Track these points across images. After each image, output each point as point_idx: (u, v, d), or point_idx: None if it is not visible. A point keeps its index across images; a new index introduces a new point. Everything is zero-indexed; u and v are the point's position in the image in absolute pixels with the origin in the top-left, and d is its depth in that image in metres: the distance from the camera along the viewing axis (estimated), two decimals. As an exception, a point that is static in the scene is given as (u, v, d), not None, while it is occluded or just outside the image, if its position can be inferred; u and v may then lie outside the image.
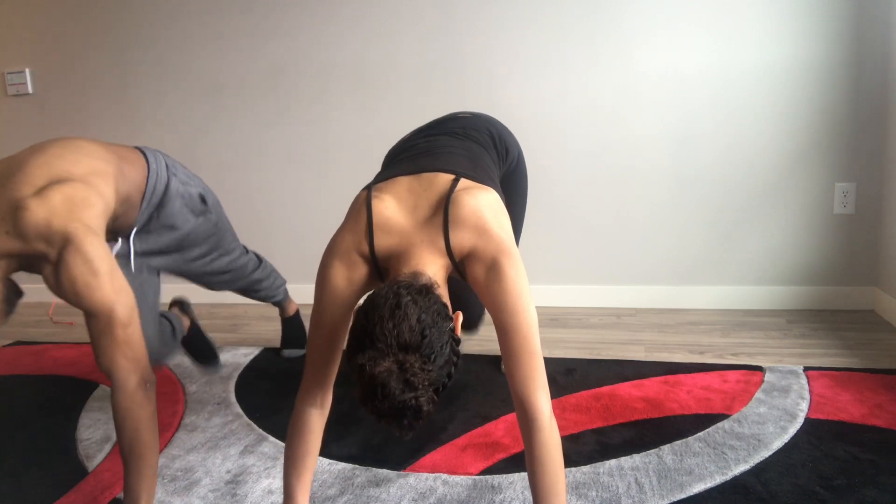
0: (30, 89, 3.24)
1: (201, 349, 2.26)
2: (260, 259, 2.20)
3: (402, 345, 1.03)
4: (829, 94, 2.51)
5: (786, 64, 2.52)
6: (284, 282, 2.33)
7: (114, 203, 1.51)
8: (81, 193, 1.38)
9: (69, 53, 3.18)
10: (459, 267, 1.28)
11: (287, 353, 2.42)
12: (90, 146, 1.54)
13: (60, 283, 1.31)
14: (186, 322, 2.19)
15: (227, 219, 2.00)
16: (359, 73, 2.89)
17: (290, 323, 2.42)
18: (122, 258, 1.74)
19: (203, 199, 1.84)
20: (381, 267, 1.29)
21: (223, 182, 3.09)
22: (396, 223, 1.27)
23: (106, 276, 1.32)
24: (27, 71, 3.23)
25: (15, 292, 1.41)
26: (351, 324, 1.11)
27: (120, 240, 1.73)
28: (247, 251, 2.13)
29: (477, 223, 1.25)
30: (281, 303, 2.37)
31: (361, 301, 1.24)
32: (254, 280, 2.16)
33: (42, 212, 1.30)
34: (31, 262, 1.35)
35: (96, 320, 1.32)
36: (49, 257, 1.31)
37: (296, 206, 3.07)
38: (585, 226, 2.79)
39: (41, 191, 1.33)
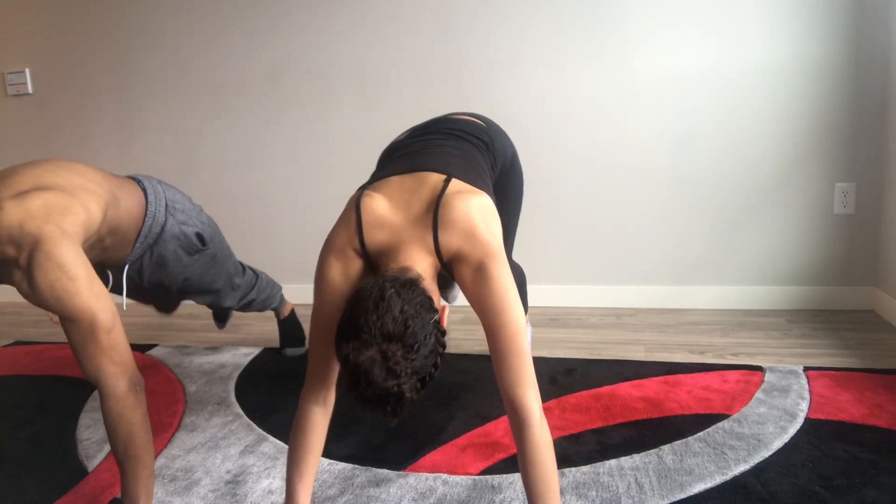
0: (30, 89, 3.24)
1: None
2: (256, 276, 2.19)
3: (386, 335, 1.06)
4: (829, 94, 2.51)
5: (786, 64, 2.52)
6: (280, 289, 2.33)
7: (99, 222, 1.45)
8: (63, 202, 1.33)
9: (69, 53, 3.18)
10: (447, 267, 1.29)
11: (289, 352, 2.42)
12: (86, 169, 1.50)
13: (36, 289, 1.24)
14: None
15: (227, 245, 1.99)
16: (359, 73, 2.89)
17: (287, 322, 2.42)
18: (117, 289, 1.73)
19: (200, 238, 1.81)
20: (374, 262, 1.30)
21: (223, 182, 3.09)
22: (388, 219, 1.29)
23: (84, 281, 1.27)
24: (27, 71, 3.23)
25: None
26: (340, 316, 1.13)
27: (110, 274, 1.71)
28: (244, 270, 2.12)
29: (466, 227, 1.26)
30: (277, 309, 2.38)
31: None
32: (248, 301, 2.18)
33: (16, 213, 1.25)
34: (1, 269, 1.29)
35: (77, 327, 1.27)
36: (18, 262, 1.24)
37: (295, 205, 3.07)
38: (585, 226, 2.79)
39: (21, 194, 1.29)
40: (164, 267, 1.76)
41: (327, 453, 1.71)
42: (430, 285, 1.23)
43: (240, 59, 3.00)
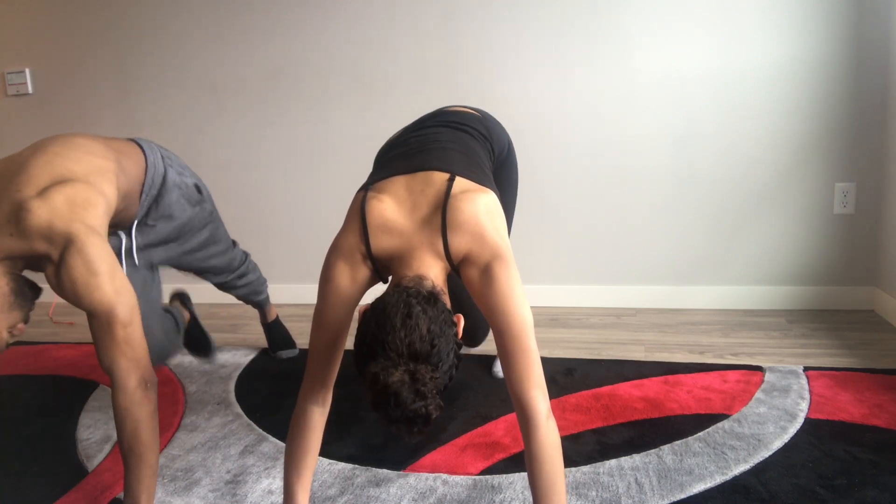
0: (30, 89, 3.24)
1: (198, 341, 2.27)
2: (245, 254, 2.22)
3: (413, 354, 1.06)
4: (829, 94, 2.51)
5: (786, 64, 2.52)
6: (265, 280, 2.34)
7: (115, 200, 1.51)
8: (83, 194, 1.38)
9: (69, 53, 3.18)
10: (457, 270, 1.28)
11: (284, 353, 2.42)
12: (90, 143, 1.54)
13: (62, 284, 1.32)
14: (187, 315, 2.20)
15: (218, 211, 2.03)
16: (358, 73, 2.89)
17: (275, 326, 2.43)
18: (126, 254, 1.75)
19: (198, 189, 1.87)
20: (381, 267, 1.29)
21: (223, 182, 3.09)
22: (396, 224, 1.28)
23: (106, 276, 1.32)
24: (27, 71, 3.23)
25: (29, 286, 1.42)
26: (360, 329, 1.13)
27: (122, 235, 1.74)
28: (235, 245, 2.15)
29: (474, 229, 1.26)
30: (263, 305, 2.37)
31: (363, 301, 1.24)
32: (240, 273, 2.17)
33: (44, 213, 1.31)
34: (34, 262, 1.36)
35: (97, 320, 1.33)
36: (51, 257, 1.32)
37: (295, 205, 3.07)
38: (586, 226, 2.79)
39: (43, 192, 1.34)
40: (170, 220, 1.79)
41: (327, 453, 1.71)
42: (446, 296, 1.24)
43: (240, 59, 3.00)
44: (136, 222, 1.73)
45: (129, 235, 1.74)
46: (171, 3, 3.02)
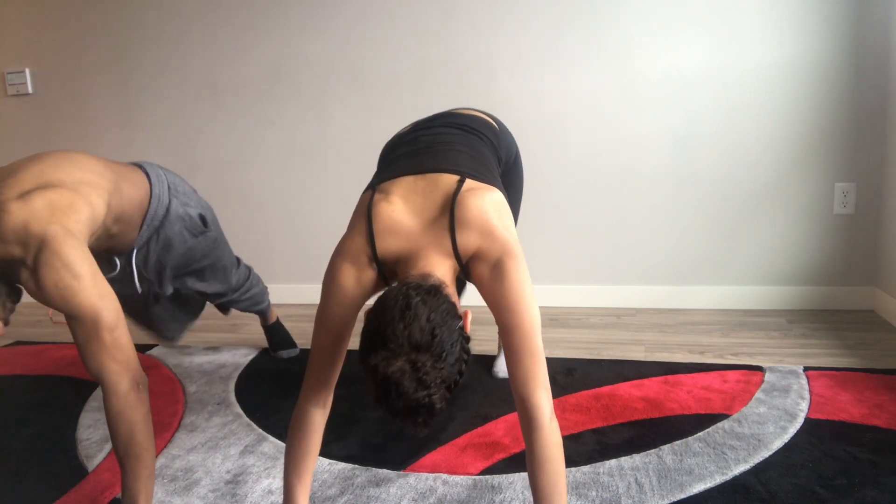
0: (30, 89, 3.24)
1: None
2: (248, 268, 2.22)
3: (414, 345, 1.05)
4: (829, 94, 2.51)
5: (786, 64, 2.52)
6: (266, 289, 2.35)
7: (103, 215, 1.48)
8: (67, 199, 1.35)
9: (69, 53, 3.18)
10: (465, 268, 1.28)
11: (284, 353, 2.42)
12: (89, 161, 1.52)
13: (42, 287, 1.27)
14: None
15: (223, 233, 2.02)
16: (359, 73, 2.89)
17: (276, 328, 2.43)
18: (128, 278, 1.75)
19: (203, 220, 1.84)
20: (388, 269, 1.28)
21: (222, 181, 3.09)
22: (404, 225, 1.27)
23: (88, 279, 1.29)
24: (27, 71, 3.23)
25: (7, 284, 1.37)
26: (363, 328, 1.12)
27: (118, 261, 1.73)
28: (239, 263, 2.15)
29: (483, 225, 1.25)
30: (264, 311, 2.38)
31: (369, 302, 1.24)
32: (242, 291, 2.18)
33: (22, 214, 1.28)
34: (9, 269, 1.32)
35: (81, 325, 1.29)
36: (25, 262, 1.28)
37: (295, 205, 3.07)
38: (586, 226, 2.79)
39: (25, 195, 1.31)
40: (170, 250, 1.78)
41: (327, 453, 1.71)
42: (452, 290, 1.22)
43: (239, 59, 3.00)
44: (135, 250, 1.72)
45: (128, 261, 1.73)
46: (170, 2, 3.03)
